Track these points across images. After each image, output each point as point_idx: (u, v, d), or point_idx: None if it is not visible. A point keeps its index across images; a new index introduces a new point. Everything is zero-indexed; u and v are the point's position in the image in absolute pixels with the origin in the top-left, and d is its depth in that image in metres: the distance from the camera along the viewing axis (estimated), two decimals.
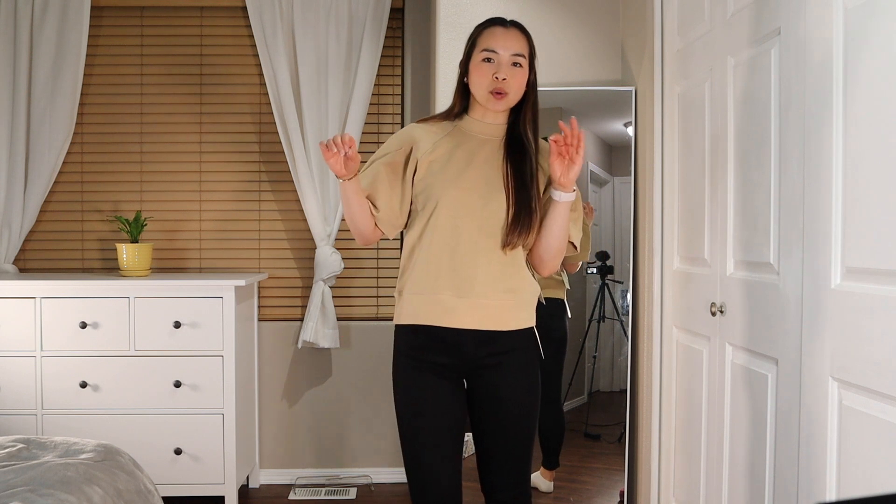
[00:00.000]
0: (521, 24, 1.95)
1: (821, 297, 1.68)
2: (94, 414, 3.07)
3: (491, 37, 1.90)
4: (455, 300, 1.88)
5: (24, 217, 3.43)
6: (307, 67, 3.40)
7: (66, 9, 3.39)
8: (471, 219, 1.89)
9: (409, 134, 1.99)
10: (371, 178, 1.95)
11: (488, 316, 1.89)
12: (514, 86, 1.89)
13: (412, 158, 1.95)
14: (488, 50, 1.89)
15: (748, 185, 2.04)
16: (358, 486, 3.55)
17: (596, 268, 2.91)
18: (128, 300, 3.08)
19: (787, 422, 1.83)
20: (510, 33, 1.91)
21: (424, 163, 1.93)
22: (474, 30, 1.97)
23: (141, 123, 3.60)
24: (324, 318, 3.44)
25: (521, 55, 1.89)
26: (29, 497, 1.79)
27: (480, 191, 1.90)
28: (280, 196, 3.62)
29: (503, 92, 1.87)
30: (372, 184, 1.95)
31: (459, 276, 1.88)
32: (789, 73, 1.82)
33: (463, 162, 1.92)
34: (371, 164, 1.99)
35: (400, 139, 1.99)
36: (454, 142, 1.95)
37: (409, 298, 1.93)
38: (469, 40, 1.96)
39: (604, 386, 2.97)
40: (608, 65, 3.02)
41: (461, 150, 1.94)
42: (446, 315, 1.88)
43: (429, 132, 1.97)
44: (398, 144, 1.97)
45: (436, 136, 1.96)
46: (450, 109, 2.00)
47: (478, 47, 1.91)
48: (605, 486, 2.87)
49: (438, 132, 1.97)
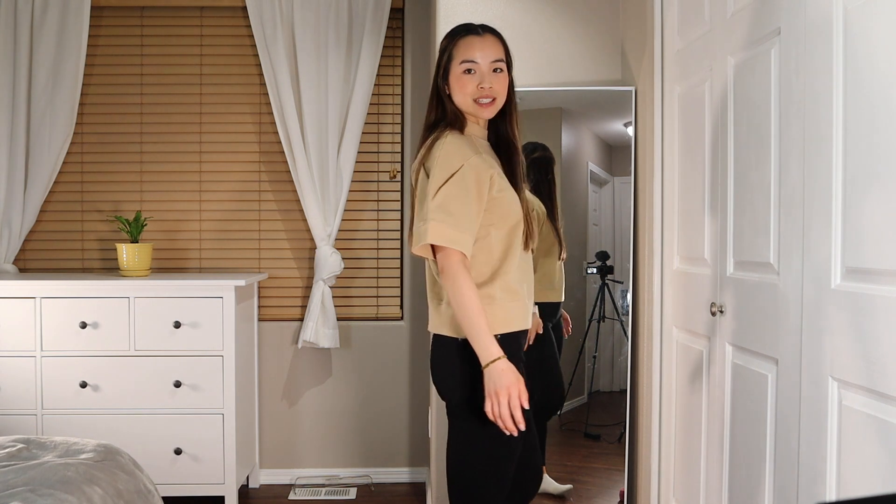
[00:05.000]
0: (494, 29, 1.95)
1: (821, 297, 1.68)
2: (94, 414, 3.07)
3: (468, 47, 1.89)
4: (529, 304, 1.96)
5: (24, 217, 3.43)
6: (307, 67, 3.40)
7: (66, 9, 3.39)
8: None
9: (485, 161, 1.86)
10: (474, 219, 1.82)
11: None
12: (499, 91, 1.91)
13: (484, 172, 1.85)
14: (468, 61, 1.88)
15: (748, 185, 2.04)
16: (358, 486, 3.55)
17: (596, 268, 2.91)
18: (128, 300, 3.08)
19: (787, 422, 1.83)
20: (486, 41, 1.90)
21: (496, 177, 1.87)
22: (445, 39, 1.93)
23: (141, 123, 3.60)
24: (324, 318, 3.44)
25: (500, 60, 1.90)
26: (29, 497, 1.79)
27: None
28: (280, 196, 3.62)
29: (491, 98, 1.89)
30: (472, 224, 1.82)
31: (530, 282, 1.97)
32: (789, 73, 1.82)
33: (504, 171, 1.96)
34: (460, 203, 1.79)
35: (483, 169, 1.83)
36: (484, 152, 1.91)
37: (505, 306, 1.87)
38: (443, 52, 1.93)
39: (604, 386, 2.97)
40: (608, 65, 3.02)
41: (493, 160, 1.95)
42: (527, 318, 1.95)
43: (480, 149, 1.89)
44: (486, 175, 1.83)
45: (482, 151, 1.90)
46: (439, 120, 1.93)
47: (455, 59, 1.89)
48: (605, 486, 2.87)
49: (479, 146, 1.91)
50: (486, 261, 1.87)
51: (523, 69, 2.96)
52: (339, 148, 3.45)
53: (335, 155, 3.44)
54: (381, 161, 3.64)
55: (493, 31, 1.94)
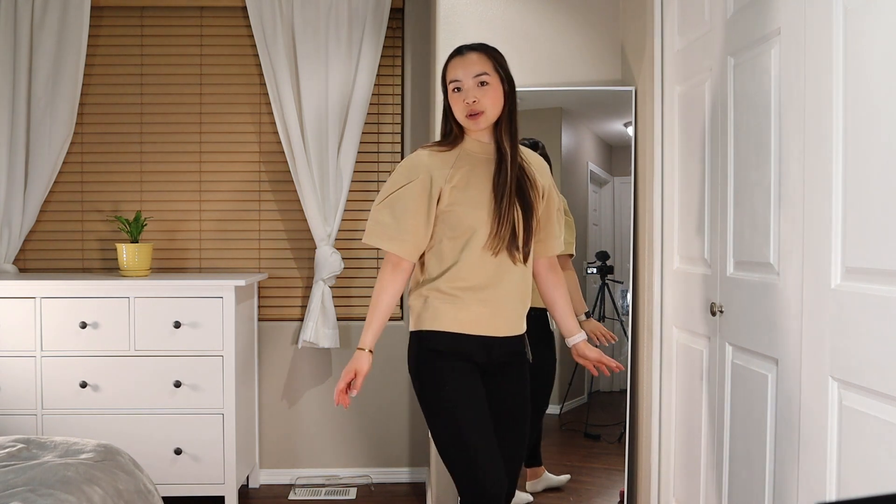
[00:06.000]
0: (479, 45, 2.06)
1: (821, 297, 1.68)
2: (94, 414, 3.07)
3: (452, 69, 2.03)
4: (490, 312, 2.02)
5: (24, 217, 3.43)
6: (307, 67, 3.40)
7: (66, 9, 3.39)
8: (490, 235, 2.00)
9: (423, 163, 2.04)
10: (399, 212, 2.00)
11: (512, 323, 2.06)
12: (486, 103, 1.99)
13: (434, 186, 2.00)
14: (454, 81, 2.02)
15: (748, 185, 2.04)
16: (358, 486, 3.55)
17: (596, 268, 2.91)
18: (128, 300, 3.08)
19: (787, 422, 1.83)
20: (467, 59, 2.02)
21: (447, 189, 2.00)
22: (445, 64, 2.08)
23: (141, 123, 3.60)
24: (324, 318, 3.44)
25: (484, 73, 1.99)
26: (29, 497, 1.79)
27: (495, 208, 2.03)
28: (280, 196, 3.62)
29: (476, 112, 1.98)
30: (401, 217, 2.00)
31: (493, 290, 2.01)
32: (789, 73, 1.82)
33: (482, 183, 2.01)
34: (387, 198, 2.03)
35: (415, 169, 2.03)
36: (467, 165, 2.03)
37: (444, 308, 2.02)
38: (441, 75, 2.09)
39: (604, 386, 2.97)
40: (608, 65, 3.02)
41: (475, 173, 2.02)
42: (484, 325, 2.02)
43: (441, 160, 2.04)
44: (415, 173, 2.02)
45: (449, 162, 2.03)
46: (445, 135, 2.09)
47: (447, 81, 2.05)
48: (605, 486, 2.87)
49: (449, 158, 2.04)
50: (437, 266, 2.03)
51: (523, 69, 2.96)
52: (339, 148, 3.45)
53: (335, 155, 3.44)
54: (381, 161, 3.64)
55: (478, 48, 2.05)
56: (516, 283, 2.04)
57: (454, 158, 2.03)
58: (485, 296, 2.00)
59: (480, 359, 2.04)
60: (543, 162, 2.18)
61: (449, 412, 1.98)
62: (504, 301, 2.02)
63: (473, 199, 1.99)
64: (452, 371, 2.00)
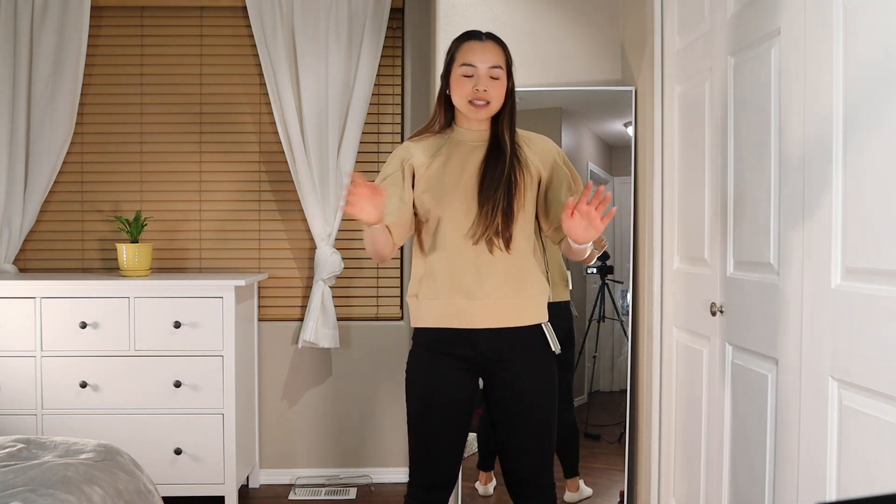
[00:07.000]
0: (496, 36, 2.04)
1: (821, 297, 1.68)
2: (94, 414, 3.07)
3: (469, 51, 1.99)
4: (468, 303, 1.98)
5: (24, 217, 3.43)
6: (307, 68, 3.40)
7: (66, 9, 3.39)
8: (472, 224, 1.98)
9: (406, 150, 2.07)
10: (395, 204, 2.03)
11: (499, 314, 1.99)
12: (494, 95, 1.98)
13: (407, 170, 2.04)
14: (467, 64, 1.97)
15: (748, 185, 2.04)
16: (358, 486, 3.55)
17: (596, 268, 2.91)
18: (128, 300, 3.08)
19: (787, 422, 1.83)
20: (486, 46, 1.99)
21: (423, 177, 2.03)
22: (452, 43, 2.05)
23: (141, 123, 3.60)
24: (324, 318, 3.44)
25: (498, 66, 1.98)
26: (29, 497, 1.79)
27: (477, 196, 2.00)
28: (280, 196, 3.62)
29: (484, 101, 1.97)
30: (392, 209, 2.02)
31: (470, 280, 1.98)
32: (789, 73, 1.82)
33: (458, 171, 2.01)
34: None
35: (399, 157, 2.07)
36: (447, 153, 2.04)
37: (426, 304, 2.03)
38: (448, 54, 2.04)
39: (604, 386, 2.96)
40: (608, 65, 3.02)
41: (454, 161, 2.03)
42: (460, 317, 1.99)
43: (424, 148, 2.06)
44: (398, 164, 2.06)
45: (430, 151, 2.05)
46: (432, 122, 2.09)
47: (457, 61, 2.00)
48: (605, 486, 2.87)
49: (432, 146, 2.06)
50: (419, 259, 2.07)
51: (523, 69, 2.96)
52: (339, 148, 3.45)
53: (335, 155, 3.44)
54: (381, 161, 3.64)
55: (494, 38, 2.03)
56: (503, 271, 1.97)
57: (438, 146, 2.05)
58: (466, 286, 1.97)
59: (465, 352, 2.00)
60: (548, 141, 2.10)
61: (412, 405, 2.08)
62: (488, 291, 1.96)
63: (445, 186, 1.99)
64: (429, 365, 2.03)
